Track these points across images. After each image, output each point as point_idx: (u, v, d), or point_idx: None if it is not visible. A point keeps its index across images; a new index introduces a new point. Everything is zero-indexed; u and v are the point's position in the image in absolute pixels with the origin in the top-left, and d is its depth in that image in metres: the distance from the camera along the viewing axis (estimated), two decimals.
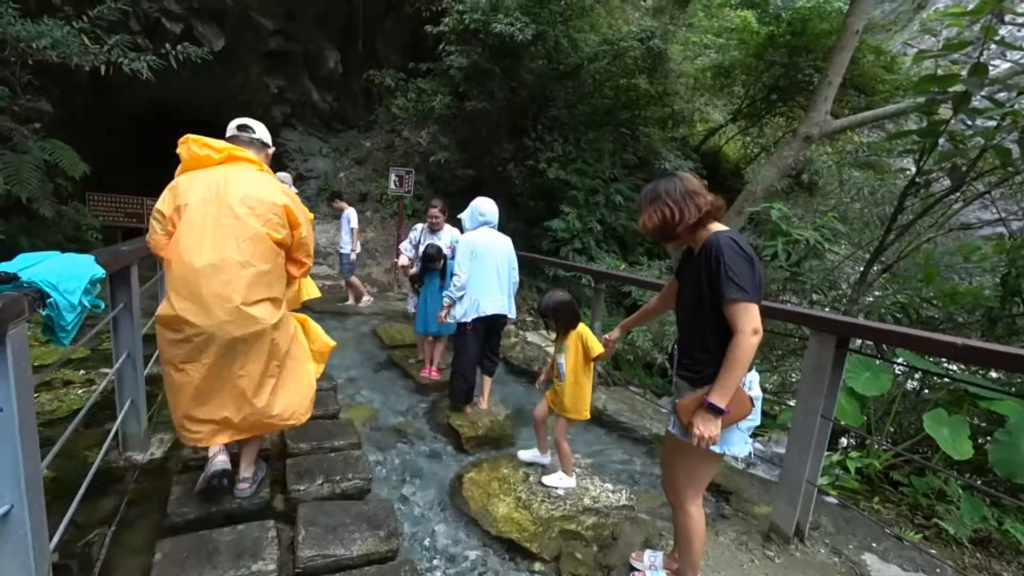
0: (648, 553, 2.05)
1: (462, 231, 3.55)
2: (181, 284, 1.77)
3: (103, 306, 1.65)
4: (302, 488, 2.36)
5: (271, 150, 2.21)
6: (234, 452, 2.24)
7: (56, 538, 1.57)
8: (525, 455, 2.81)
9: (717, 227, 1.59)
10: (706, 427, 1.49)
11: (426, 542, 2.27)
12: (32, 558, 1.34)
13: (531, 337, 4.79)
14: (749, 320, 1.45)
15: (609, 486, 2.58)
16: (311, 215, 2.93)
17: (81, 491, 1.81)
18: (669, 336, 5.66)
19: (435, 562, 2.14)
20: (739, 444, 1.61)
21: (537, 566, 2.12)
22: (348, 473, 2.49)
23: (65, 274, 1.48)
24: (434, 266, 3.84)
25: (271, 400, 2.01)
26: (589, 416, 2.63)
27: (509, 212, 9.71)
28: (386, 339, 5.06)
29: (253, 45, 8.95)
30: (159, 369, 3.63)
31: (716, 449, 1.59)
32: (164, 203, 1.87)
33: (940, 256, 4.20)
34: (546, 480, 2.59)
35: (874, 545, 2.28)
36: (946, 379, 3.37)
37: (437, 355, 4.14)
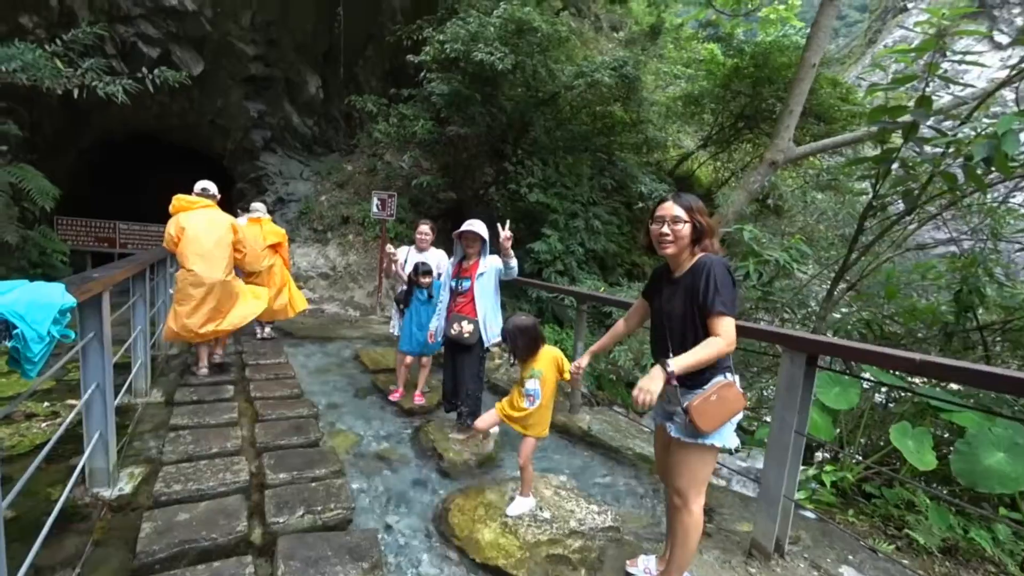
0: (642, 558, 2.18)
1: (449, 253, 3.60)
2: (197, 258, 3.79)
3: (73, 336, 1.62)
4: (281, 520, 2.29)
5: (219, 197, 4.20)
6: (214, 364, 4.27)
7: None
8: (514, 510, 2.53)
9: (702, 252, 1.78)
10: (650, 383, 1.59)
11: (411, 573, 2.22)
12: None
13: None
14: (729, 330, 1.64)
15: (595, 508, 2.59)
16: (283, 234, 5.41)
17: (44, 531, 1.73)
18: (647, 357, 5.75)
19: None
20: (731, 437, 1.76)
21: None
22: (330, 503, 2.43)
23: (33, 304, 1.45)
24: (424, 282, 3.85)
25: (227, 318, 3.98)
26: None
27: (491, 235, 9.81)
28: (369, 363, 5.00)
29: (233, 70, 8.97)
30: (129, 399, 3.54)
31: (716, 443, 1.74)
32: (173, 227, 3.86)
33: (899, 275, 4.45)
34: (510, 511, 2.51)
35: (850, 558, 2.34)
36: (908, 392, 3.53)
37: (423, 379, 4.11)
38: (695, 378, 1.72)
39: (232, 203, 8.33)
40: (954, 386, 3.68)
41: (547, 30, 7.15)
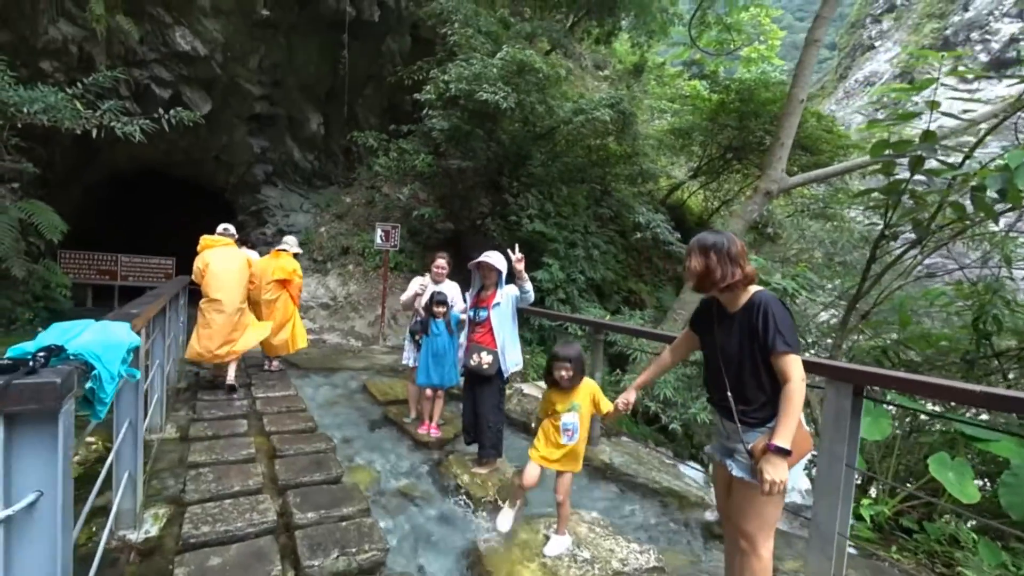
0: None
1: (464, 286, 3.61)
2: (218, 289, 4.33)
3: (138, 375, 1.59)
4: (316, 563, 2.20)
5: (236, 236, 4.84)
6: (227, 385, 4.53)
7: None
8: (553, 550, 2.45)
9: (754, 288, 1.76)
10: (777, 472, 1.58)
11: None
12: None
13: (527, 389, 4.75)
14: (798, 369, 1.62)
15: (635, 547, 2.52)
16: (291, 271, 5.26)
17: None
18: (660, 385, 5.73)
19: None
20: (800, 477, 1.71)
21: None
22: (363, 544, 2.35)
23: (107, 344, 1.43)
24: (439, 311, 3.83)
25: (238, 344, 4.46)
26: None
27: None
28: (378, 395, 4.91)
29: (239, 109, 9.17)
30: (146, 435, 3.43)
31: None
32: (201, 262, 4.42)
33: (910, 301, 4.53)
34: (548, 551, 2.43)
35: None
36: (936, 420, 3.54)
37: (437, 411, 4.04)
38: (758, 415, 1.70)
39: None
40: (966, 412, 3.69)
41: (547, 71, 7.45)
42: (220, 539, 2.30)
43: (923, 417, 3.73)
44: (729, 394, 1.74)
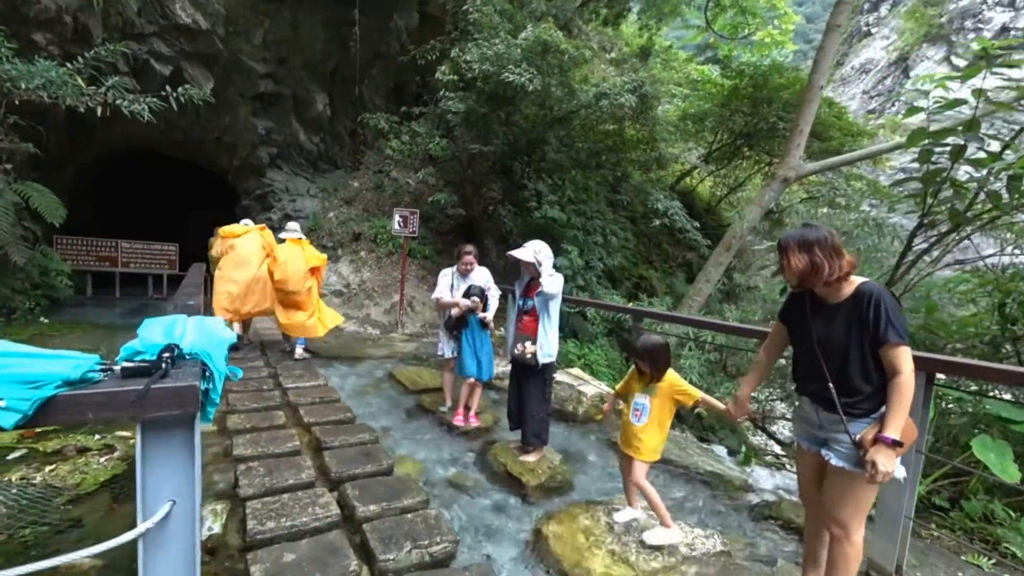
0: None
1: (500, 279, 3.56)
2: (245, 261, 5.46)
3: (240, 373, 1.54)
4: (391, 557, 2.19)
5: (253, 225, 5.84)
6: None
7: None
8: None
9: (857, 279, 1.73)
10: (889, 463, 1.61)
11: None
12: None
13: (560, 376, 4.74)
14: (909, 361, 1.63)
15: (700, 531, 2.55)
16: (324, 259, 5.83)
17: None
18: (687, 371, 5.78)
19: None
20: (900, 466, 1.73)
21: None
22: (434, 536, 2.34)
23: (214, 342, 1.38)
24: (477, 307, 3.80)
25: (250, 308, 5.44)
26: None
27: (500, 250, 9.83)
28: (408, 384, 4.89)
29: (242, 88, 8.86)
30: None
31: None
32: (225, 245, 5.60)
33: (933, 287, 4.60)
34: (649, 539, 2.43)
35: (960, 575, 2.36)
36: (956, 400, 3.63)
37: (475, 399, 4.04)
38: (864, 406, 1.71)
39: (236, 218, 8.16)
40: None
41: (573, 52, 7.28)
42: (288, 534, 2.28)
43: (951, 400, 3.83)
44: (831, 385, 1.74)
